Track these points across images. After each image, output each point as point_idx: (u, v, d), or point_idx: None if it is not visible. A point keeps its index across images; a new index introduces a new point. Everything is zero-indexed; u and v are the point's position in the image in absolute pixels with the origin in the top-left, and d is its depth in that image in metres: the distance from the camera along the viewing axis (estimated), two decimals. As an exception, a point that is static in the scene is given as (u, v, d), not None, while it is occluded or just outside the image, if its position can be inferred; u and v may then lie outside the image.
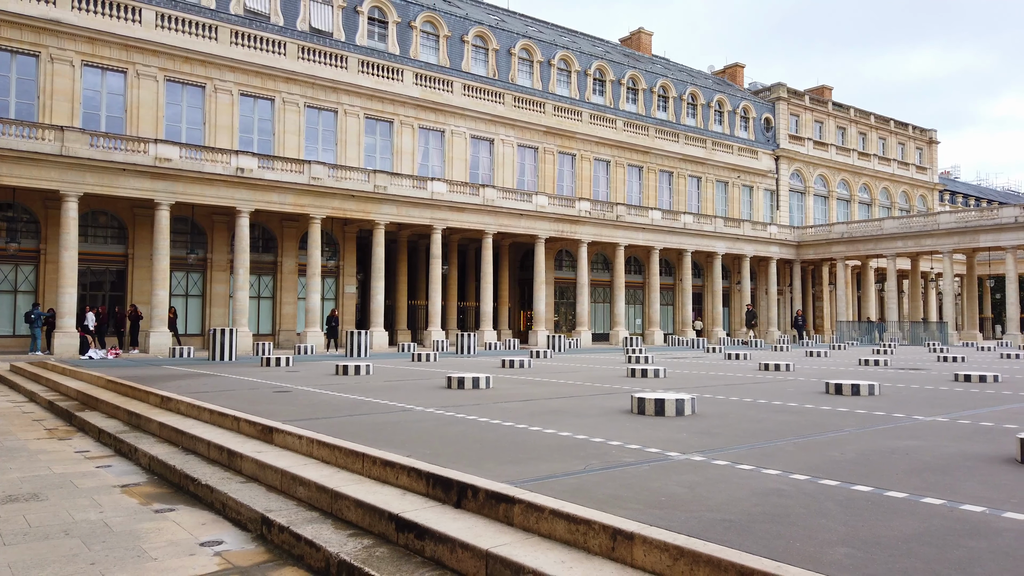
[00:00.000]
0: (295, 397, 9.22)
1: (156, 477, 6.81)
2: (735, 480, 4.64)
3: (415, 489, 4.69)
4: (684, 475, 4.76)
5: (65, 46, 26.74)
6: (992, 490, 4.36)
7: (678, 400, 7.83)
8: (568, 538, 3.61)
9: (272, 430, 6.53)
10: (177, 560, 4.47)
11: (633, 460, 5.33)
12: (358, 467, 5.27)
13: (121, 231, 27.87)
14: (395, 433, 6.57)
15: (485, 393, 10.01)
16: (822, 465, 5.14)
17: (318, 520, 4.74)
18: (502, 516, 4.01)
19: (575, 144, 40.93)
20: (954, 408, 8.70)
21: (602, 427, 6.99)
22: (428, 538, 3.96)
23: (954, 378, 12.71)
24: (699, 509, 3.82)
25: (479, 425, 7.14)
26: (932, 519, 3.68)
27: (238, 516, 5.23)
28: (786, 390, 10.86)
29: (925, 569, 2.91)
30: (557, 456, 5.47)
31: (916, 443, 6.13)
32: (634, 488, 4.33)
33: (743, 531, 3.41)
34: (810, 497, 4.15)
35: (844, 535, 3.38)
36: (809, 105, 52.80)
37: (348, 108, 33.24)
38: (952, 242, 40.08)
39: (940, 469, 5.04)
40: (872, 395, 9.84)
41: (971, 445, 6.04)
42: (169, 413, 8.58)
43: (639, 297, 43.10)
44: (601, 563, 3.36)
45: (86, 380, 12.51)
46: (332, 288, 32.77)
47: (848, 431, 6.81)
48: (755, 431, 6.81)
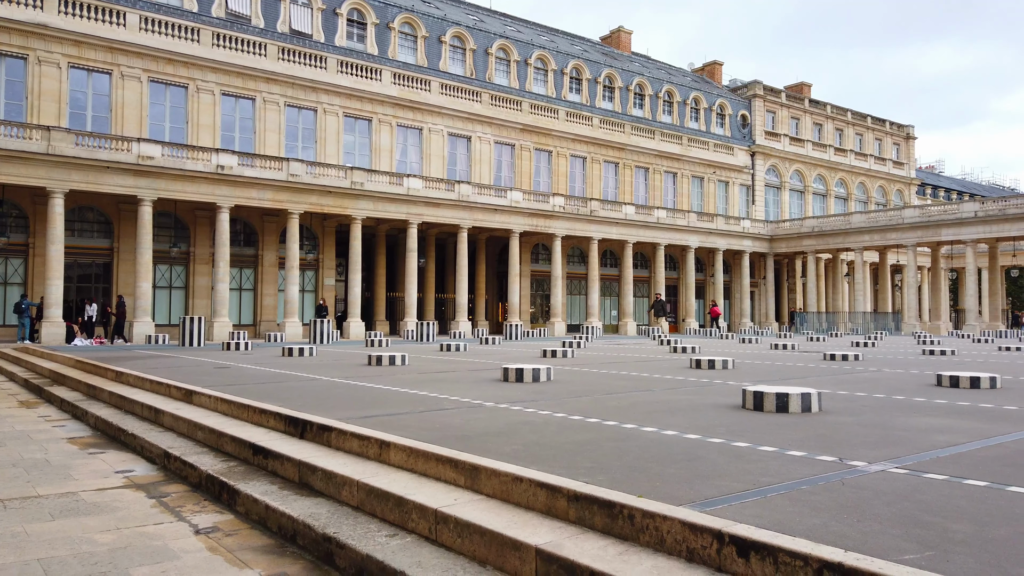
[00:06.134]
0: (230, 372, 10.65)
1: (99, 432, 8.20)
2: (502, 415, 6.00)
3: (277, 428, 6.08)
4: (471, 414, 6.14)
5: (52, 49, 28.05)
6: (684, 421, 5.72)
7: (535, 370, 9.20)
8: (358, 450, 5.00)
9: (192, 393, 7.92)
10: (92, 480, 5.87)
11: (452, 407, 6.72)
12: (244, 416, 6.66)
13: (107, 226, 29.23)
14: (286, 393, 7.96)
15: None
16: (593, 409, 6.51)
17: (205, 453, 6.13)
18: (325, 441, 5.40)
19: (551, 141, 42.23)
20: (775, 377, 10.06)
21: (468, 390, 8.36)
22: (270, 457, 5.35)
23: (823, 358, 14.22)
24: (457, 432, 5.19)
25: (350, 386, 8.52)
26: (602, 430, 5.04)
27: (150, 454, 6.62)
28: (662, 366, 12.25)
29: (576, 451, 4.29)
30: (386, 403, 6.85)
31: (682, 398, 7.50)
32: (425, 423, 5.71)
33: (472, 440, 4.78)
34: (545, 423, 5.53)
35: (526, 443, 4.75)
36: (785, 102, 54.03)
37: (328, 107, 34.54)
38: (916, 236, 41.42)
39: (671, 412, 6.41)
40: (727, 368, 11.38)
41: (720, 399, 7.47)
42: (120, 384, 9.97)
43: (614, 289, 44.44)
44: (372, 463, 4.74)
45: (59, 361, 13.92)
46: (312, 280, 34.15)
47: (631, 392, 8.18)
48: (590, 387, 8.18)
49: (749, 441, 4.94)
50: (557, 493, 3.71)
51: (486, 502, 3.97)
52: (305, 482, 4.89)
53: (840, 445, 4.83)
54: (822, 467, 4.16)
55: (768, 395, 6.34)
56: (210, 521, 4.72)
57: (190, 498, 5.30)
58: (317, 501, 4.57)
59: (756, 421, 5.87)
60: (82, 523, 4.64)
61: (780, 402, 6.26)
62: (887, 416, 6.18)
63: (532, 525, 3.60)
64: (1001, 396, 7.81)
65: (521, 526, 3.58)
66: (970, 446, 4.86)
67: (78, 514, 4.85)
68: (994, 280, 43.74)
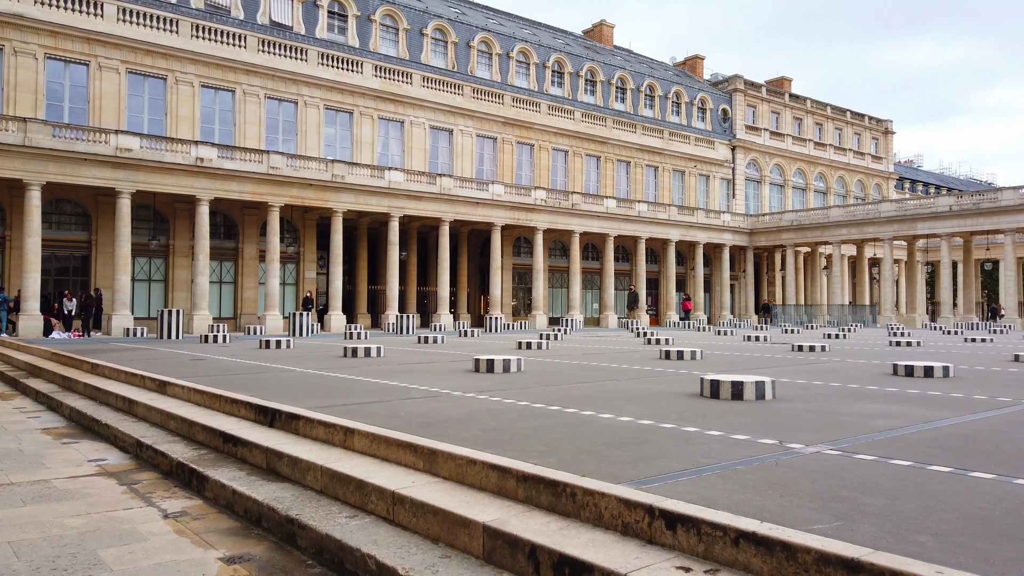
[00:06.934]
0: (206, 364, 10.76)
1: (73, 423, 8.31)
2: (467, 404, 6.20)
3: (248, 417, 6.24)
4: (436, 403, 6.33)
5: (28, 39, 27.76)
6: (642, 408, 5.95)
7: (505, 361, 9.39)
8: (324, 437, 5.17)
9: (166, 384, 8.04)
10: (66, 468, 6.00)
11: (420, 396, 6.91)
12: (216, 406, 6.81)
13: (85, 218, 29.04)
14: (259, 384, 8.10)
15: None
16: (557, 398, 6.73)
17: (177, 442, 6.27)
18: (293, 429, 5.57)
19: (533, 134, 42.37)
20: (741, 367, 10.35)
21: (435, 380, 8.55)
22: (240, 445, 5.51)
23: (791, 349, 14.56)
24: (421, 419, 5.38)
25: (323, 377, 8.69)
26: (561, 417, 5.26)
27: (123, 443, 6.75)
28: (633, 357, 12.50)
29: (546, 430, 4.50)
30: (356, 393, 7.03)
31: (644, 387, 7.74)
32: (392, 411, 5.89)
33: (434, 427, 4.97)
34: (507, 411, 5.73)
35: (485, 428, 4.95)
36: (766, 96, 54.49)
37: (308, 99, 34.45)
38: (892, 230, 42.03)
39: (630, 399, 6.64)
40: (695, 359, 11.66)
41: (681, 388, 7.72)
42: (95, 376, 10.06)
43: (596, 282, 44.74)
44: (336, 450, 4.92)
45: (35, 354, 13.94)
46: (293, 274, 34.13)
47: (596, 381, 8.42)
48: (558, 378, 8.40)
49: (699, 426, 5.18)
50: (507, 474, 3.91)
51: (442, 484, 4.17)
52: (272, 468, 5.07)
53: (784, 430, 5.07)
54: (761, 449, 4.40)
55: (724, 383, 6.59)
56: (179, 506, 4.88)
57: (160, 485, 5.45)
58: (283, 486, 4.74)
59: (710, 408, 6.11)
60: (53, 508, 4.78)
61: (735, 390, 6.51)
62: (836, 403, 6.44)
63: (482, 504, 3.80)
64: (951, 384, 8.12)
65: (472, 505, 3.78)
66: (907, 430, 5.12)
67: (49, 500, 4.99)
68: (968, 273, 44.54)
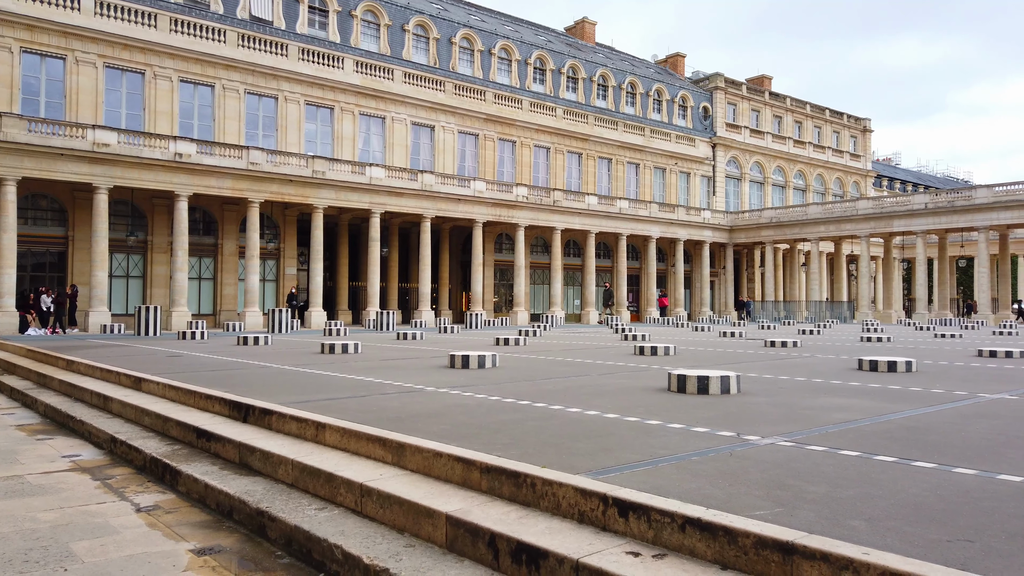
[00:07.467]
0: (182, 360, 10.78)
1: (48, 420, 8.32)
2: (439, 399, 6.33)
3: (222, 413, 6.31)
4: (409, 398, 6.45)
5: (3, 33, 27.38)
6: (609, 402, 6.11)
7: (481, 357, 9.52)
8: (296, 432, 5.27)
9: (141, 380, 8.08)
10: (39, 464, 6.04)
11: (394, 392, 7.02)
12: (191, 402, 6.87)
13: (61, 214, 28.73)
14: (234, 380, 8.17)
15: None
16: (528, 393, 6.86)
17: (151, 437, 6.33)
18: (266, 424, 5.65)
19: (515, 131, 42.46)
20: (712, 362, 10.56)
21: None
22: (213, 440, 5.59)
23: (763, 344, 14.85)
24: (392, 414, 5.49)
25: (298, 373, 8.77)
26: (530, 411, 5.40)
27: (98, 439, 6.80)
28: (609, 352, 12.68)
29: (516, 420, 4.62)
30: (330, 389, 7.13)
31: (615, 382, 7.91)
32: (364, 407, 6.00)
33: (405, 422, 5.09)
34: (478, 405, 5.86)
35: (455, 423, 5.07)
36: (746, 94, 54.95)
37: (288, 95, 34.29)
38: (869, 227, 42.64)
39: (600, 394, 6.80)
40: (668, 355, 11.86)
41: (650, 383, 7.87)
42: (71, 373, 10.05)
43: (578, 279, 44.97)
44: (308, 444, 5.02)
45: (9, 351, 13.85)
46: (274, 270, 33.99)
47: (570, 377, 8.58)
48: (532, 373, 8.54)
49: (662, 419, 5.34)
50: (471, 466, 4.04)
51: (409, 476, 4.29)
52: (245, 463, 5.16)
53: (743, 422, 5.25)
54: (719, 441, 4.56)
55: (690, 378, 6.76)
56: (152, 500, 4.96)
57: (134, 480, 5.52)
58: (254, 480, 4.84)
59: (676, 402, 6.28)
60: (26, 503, 4.84)
61: (701, 384, 6.68)
62: (798, 397, 6.64)
63: (447, 495, 3.92)
64: (912, 379, 8.36)
65: (437, 496, 3.91)
66: (861, 422, 5.32)
67: (23, 495, 5.04)
68: (943, 270, 45.31)
